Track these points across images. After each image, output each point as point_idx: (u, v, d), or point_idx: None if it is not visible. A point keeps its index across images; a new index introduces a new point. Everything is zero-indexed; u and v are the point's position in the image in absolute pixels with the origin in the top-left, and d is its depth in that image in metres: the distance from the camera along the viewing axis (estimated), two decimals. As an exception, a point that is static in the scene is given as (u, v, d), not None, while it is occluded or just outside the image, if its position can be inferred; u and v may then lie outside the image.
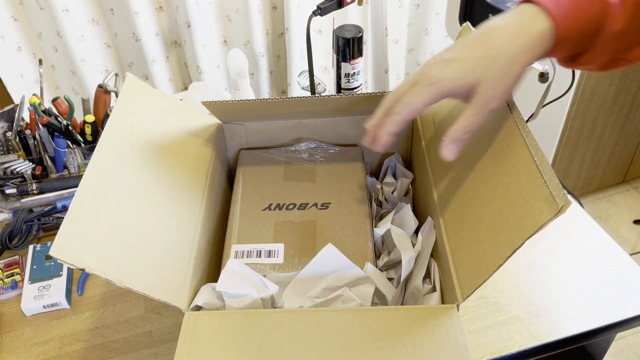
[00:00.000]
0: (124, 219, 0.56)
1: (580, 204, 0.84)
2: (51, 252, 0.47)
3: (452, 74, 0.49)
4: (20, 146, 0.90)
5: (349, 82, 1.11)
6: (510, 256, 0.47)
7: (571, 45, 0.51)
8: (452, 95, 0.51)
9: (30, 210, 0.87)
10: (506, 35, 0.49)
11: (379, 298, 0.63)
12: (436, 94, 0.50)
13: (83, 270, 0.49)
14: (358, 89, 1.14)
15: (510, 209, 0.50)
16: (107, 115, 0.94)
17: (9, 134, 0.89)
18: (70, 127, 0.92)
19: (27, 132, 0.90)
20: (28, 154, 0.91)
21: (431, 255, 0.64)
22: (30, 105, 0.91)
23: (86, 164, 0.91)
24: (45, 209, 0.87)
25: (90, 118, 0.91)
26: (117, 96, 0.97)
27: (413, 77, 0.51)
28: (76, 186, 0.87)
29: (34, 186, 0.87)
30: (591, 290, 0.74)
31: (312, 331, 0.52)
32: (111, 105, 0.97)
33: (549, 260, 0.79)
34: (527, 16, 0.49)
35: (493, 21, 0.51)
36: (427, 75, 0.50)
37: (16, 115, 0.92)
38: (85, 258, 0.50)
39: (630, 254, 0.77)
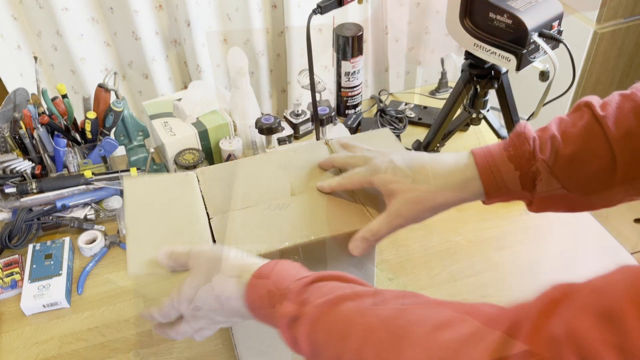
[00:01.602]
0: (124, 219, 0.56)
1: (581, 203, 0.84)
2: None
3: (385, 176, 0.56)
4: (17, 145, 0.90)
5: (349, 80, 1.11)
6: None
7: None
8: (379, 189, 0.57)
9: (30, 210, 0.87)
10: (437, 169, 0.54)
11: None
12: (367, 183, 0.58)
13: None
14: (358, 87, 1.14)
15: None
16: (107, 115, 0.94)
17: (7, 133, 0.89)
18: (69, 127, 0.91)
19: (22, 131, 0.88)
20: (25, 153, 0.91)
21: None
22: (30, 104, 0.91)
23: (86, 163, 0.91)
24: (44, 208, 0.87)
25: (92, 115, 0.91)
26: (117, 95, 0.96)
27: (364, 160, 0.59)
28: (76, 185, 0.86)
29: (34, 185, 0.86)
30: (592, 289, 0.74)
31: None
32: (111, 104, 0.97)
33: (550, 260, 0.79)
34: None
35: (441, 155, 0.57)
36: (374, 165, 0.57)
37: (15, 114, 0.92)
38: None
39: (631, 253, 0.77)
